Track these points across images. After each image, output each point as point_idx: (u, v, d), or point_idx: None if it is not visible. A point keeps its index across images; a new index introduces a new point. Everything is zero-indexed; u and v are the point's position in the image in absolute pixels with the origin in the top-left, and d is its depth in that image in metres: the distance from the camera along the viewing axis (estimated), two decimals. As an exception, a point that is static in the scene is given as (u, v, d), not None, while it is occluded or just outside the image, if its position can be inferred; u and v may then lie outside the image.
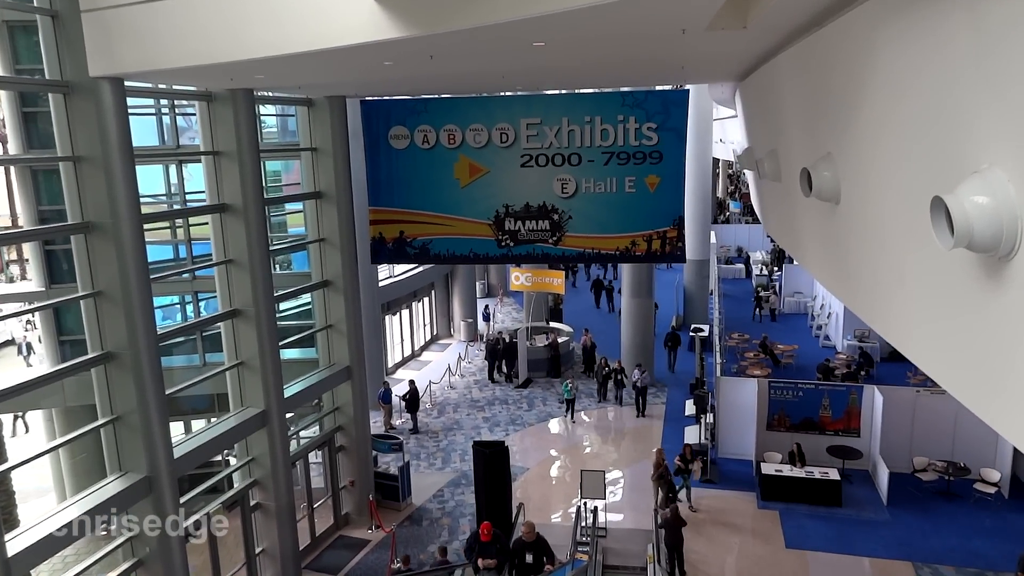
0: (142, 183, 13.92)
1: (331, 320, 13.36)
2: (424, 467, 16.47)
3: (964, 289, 3.51)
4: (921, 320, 4.33)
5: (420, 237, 13.86)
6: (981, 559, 12.22)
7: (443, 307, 26.82)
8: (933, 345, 4.21)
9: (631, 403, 19.45)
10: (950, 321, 3.80)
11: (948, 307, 3.80)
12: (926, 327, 4.28)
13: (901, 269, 4.66)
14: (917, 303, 4.36)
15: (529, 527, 10.04)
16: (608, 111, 12.85)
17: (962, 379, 3.67)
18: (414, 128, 13.38)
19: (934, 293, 4.06)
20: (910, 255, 4.43)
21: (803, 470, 14.40)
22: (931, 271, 4.08)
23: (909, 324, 4.58)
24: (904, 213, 4.50)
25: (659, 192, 13.00)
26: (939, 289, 3.95)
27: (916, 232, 4.23)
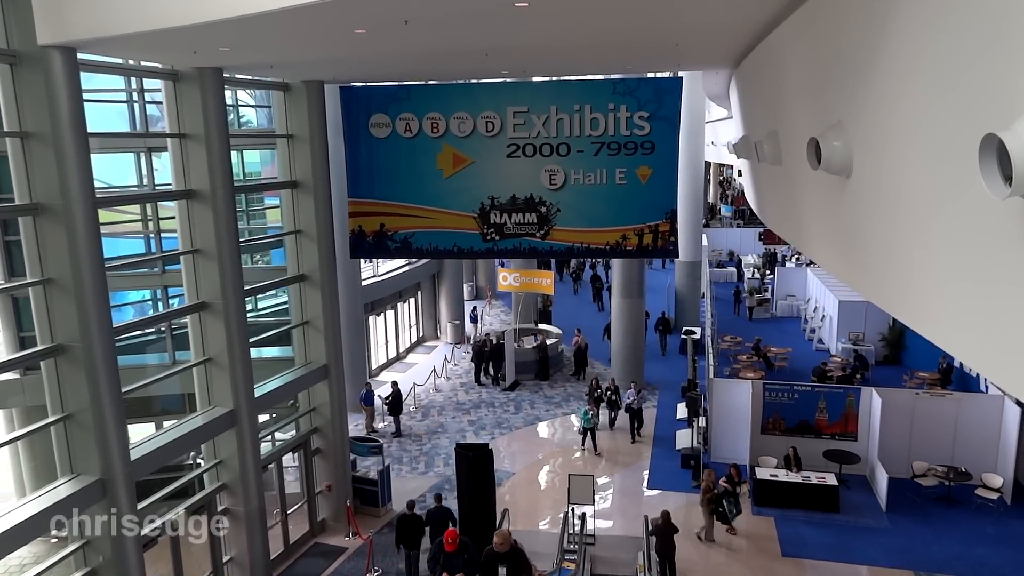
0: (112, 172, 13.40)
1: (307, 316, 12.74)
2: (406, 471, 15.84)
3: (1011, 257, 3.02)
4: (953, 301, 3.83)
5: (401, 230, 13.27)
6: (985, 568, 11.72)
7: (430, 308, 26.20)
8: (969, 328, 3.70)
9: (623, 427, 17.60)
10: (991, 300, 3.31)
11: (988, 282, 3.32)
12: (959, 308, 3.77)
13: (926, 243, 4.14)
14: (947, 281, 3.86)
15: (502, 537, 8.88)
16: (598, 99, 12.33)
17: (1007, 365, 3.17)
18: (396, 116, 12.81)
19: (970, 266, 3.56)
20: (938, 225, 3.92)
21: (799, 475, 13.87)
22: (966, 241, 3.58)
23: (937, 306, 4.08)
24: (929, 178, 4.01)
25: (651, 184, 12.48)
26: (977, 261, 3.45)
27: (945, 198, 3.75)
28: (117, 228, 13.60)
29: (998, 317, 3.31)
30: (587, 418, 16.65)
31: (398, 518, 11.97)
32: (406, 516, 11.67)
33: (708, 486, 12.69)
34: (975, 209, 3.42)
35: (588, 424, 16.63)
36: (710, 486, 12.67)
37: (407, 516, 11.66)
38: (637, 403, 17.23)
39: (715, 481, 12.82)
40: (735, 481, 13.08)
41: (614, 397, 17.82)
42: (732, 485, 12.95)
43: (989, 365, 3.53)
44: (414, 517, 11.68)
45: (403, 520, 11.67)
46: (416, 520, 11.66)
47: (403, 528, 11.56)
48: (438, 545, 9.01)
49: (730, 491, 12.83)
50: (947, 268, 3.84)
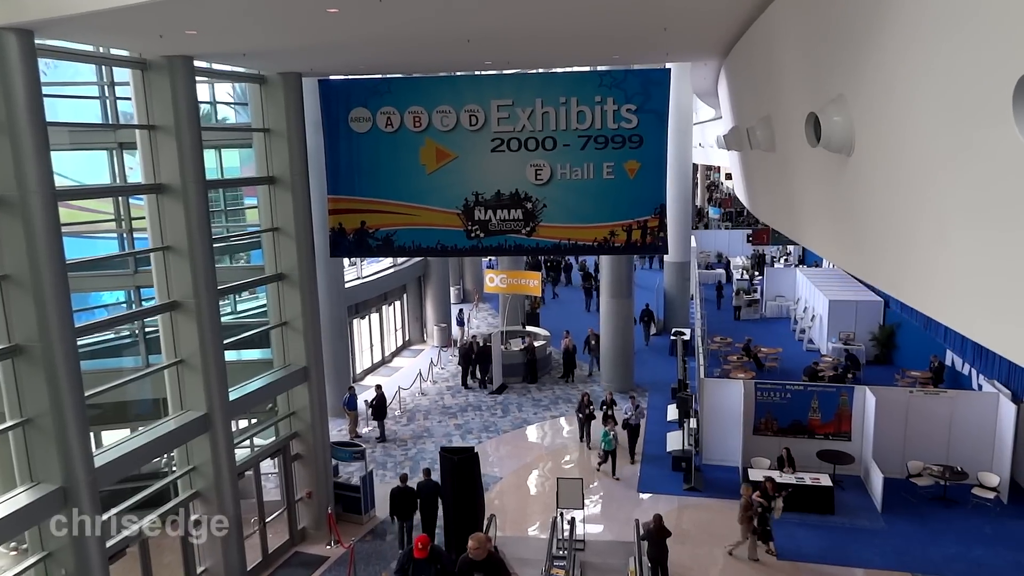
0: (85, 170, 12.94)
1: (286, 317, 12.30)
2: (390, 477, 15.36)
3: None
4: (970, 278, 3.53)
5: (383, 228, 12.89)
6: (984, 569, 11.44)
7: (416, 311, 25.78)
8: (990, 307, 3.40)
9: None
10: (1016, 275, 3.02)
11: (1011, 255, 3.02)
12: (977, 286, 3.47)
13: (940, 219, 3.84)
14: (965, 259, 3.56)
15: (478, 542, 7.86)
16: (584, 92, 12.01)
17: None
18: (376, 110, 12.44)
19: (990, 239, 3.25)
20: (953, 198, 3.62)
21: (793, 476, 13.56)
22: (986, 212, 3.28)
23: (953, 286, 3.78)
24: (941, 148, 3.71)
25: (639, 178, 12.17)
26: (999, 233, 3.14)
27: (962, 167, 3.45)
28: (91, 228, 13.19)
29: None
30: (607, 440, 14.94)
31: (391, 491, 12.63)
32: (399, 489, 12.46)
33: (747, 502, 11.83)
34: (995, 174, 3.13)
35: (609, 447, 14.93)
36: (749, 502, 11.82)
37: (400, 489, 12.45)
38: (636, 419, 15.84)
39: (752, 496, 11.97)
40: (770, 495, 12.17)
41: (610, 412, 16.20)
42: (768, 499, 12.05)
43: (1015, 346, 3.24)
44: (407, 489, 12.46)
45: (396, 493, 12.44)
46: (409, 492, 12.45)
47: (396, 500, 12.38)
48: (407, 553, 8.18)
49: (766, 506, 11.94)
50: (965, 244, 3.55)
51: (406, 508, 12.34)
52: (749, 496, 11.95)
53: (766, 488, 12.25)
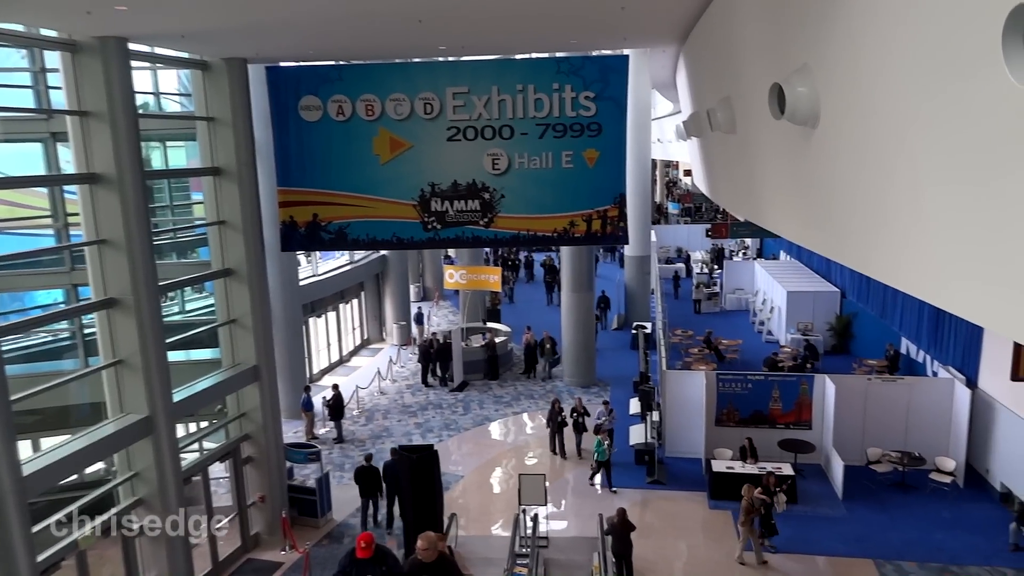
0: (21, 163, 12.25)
1: (234, 314, 11.78)
2: (348, 478, 14.91)
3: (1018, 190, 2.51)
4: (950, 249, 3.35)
5: (336, 220, 12.44)
6: (943, 553, 11.52)
7: (374, 309, 25.26)
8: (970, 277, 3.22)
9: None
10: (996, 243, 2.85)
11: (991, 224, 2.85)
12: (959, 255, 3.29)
13: (914, 186, 3.66)
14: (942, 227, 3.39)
15: (427, 543, 7.07)
16: (542, 79, 11.75)
17: None
18: (327, 98, 12.00)
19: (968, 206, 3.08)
20: (927, 167, 3.45)
21: (755, 466, 13.52)
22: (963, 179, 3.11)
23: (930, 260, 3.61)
24: (913, 116, 3.54)
25: (599, 168, 11.96)
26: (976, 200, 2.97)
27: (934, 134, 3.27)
28: (28, 224, 12.48)
29: (1010, 261, 2.85)
30: (601, 450, 13.93)
31: (356, 470, 13.26)
32: (363, 467, 13.01)
33: (749, 504, 11.28)
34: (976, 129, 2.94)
35: (603, 457, 13.94)
36: (751, 503, 11.29)
37: (364, 467, 12.99)
38: (609, 424, 15.09)
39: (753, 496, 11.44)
40: (771, 490, 11.79)
41: (580, 419, 15.47)
42: (769, 495, 11.64)
43: (1003, 320, 3.07)
44: (371, 468, 12.95)
45: (360, 471, 13.00)
46: (373, 471, 12.93)
47: (361, 478, 12.93)
48: (348, 555, 7.31)
49: (768, 501, 11.52)
50: (943, 211, 3.38)
51: (370, 486, 12.87)
52: (751, 497, 11.37)
53: (768, 483, 11.96)
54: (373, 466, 12.98)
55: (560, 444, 15.63)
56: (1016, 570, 11.02)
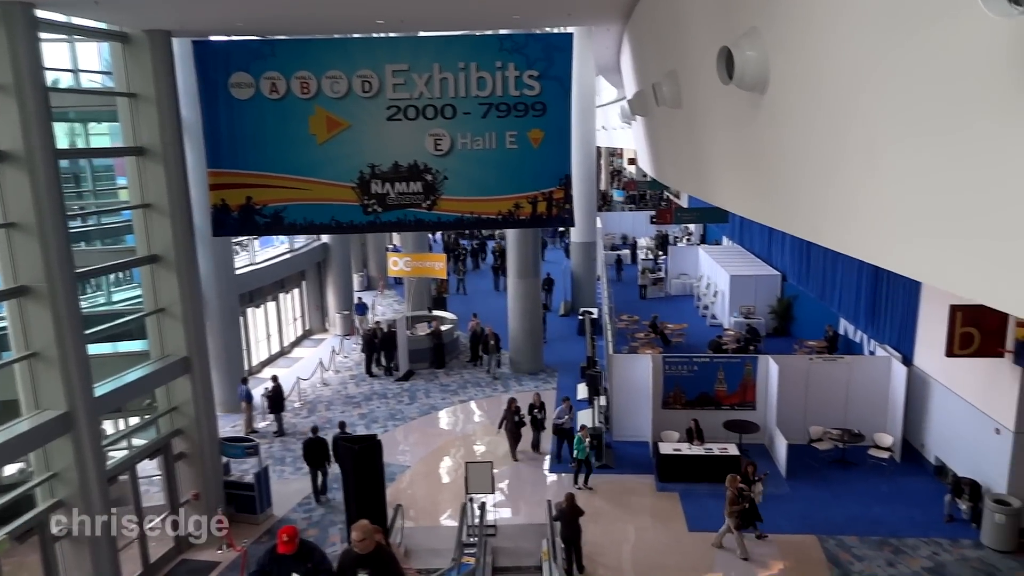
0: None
1: (162, 303, 11.15)
2: (289, 472, 14.45)
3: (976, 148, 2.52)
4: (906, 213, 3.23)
5: (271, 203, 11.91)
6: (882, 526, 11.77)
7: (316, 299, 24.57)
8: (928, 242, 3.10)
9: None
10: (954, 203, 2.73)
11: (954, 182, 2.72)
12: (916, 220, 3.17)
13: (869, 150, 3.53)
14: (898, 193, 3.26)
15: (363, 533, 6.53)
16: (485, 57, 11.44)
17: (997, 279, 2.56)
18: (259, 75, 11.43)
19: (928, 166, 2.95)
20: (883, 129, 3.32)
21: (702, 447, 13.60)
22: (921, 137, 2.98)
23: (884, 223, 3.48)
24: (871, 66, 3.40)
25: (543, 148, 11.74)
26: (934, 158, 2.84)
27: (893, 84, 3.12)
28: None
29: (966, 220, 2.74)
30: (581, 448, 13.15)
31: (304, 442, 13.56)
32: (311, 439, 13.30)
33: (735, 495, 11.04)
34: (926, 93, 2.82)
35: (583, 455, 13.18)
36: (737, 494, 11.05)
37: (312, 439, 13.28)
38: (569, 422, 14.43)
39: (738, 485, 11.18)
40: (750, 479, 11.49)
41: (539, 415, 14.88)
42: (748, 484, 11.34)
43: (960, 280, 2.97)
44: (319, 440, 13.25)
45: (309, 443, 13.28)
46: (321, 442, 13.20)
47: (309, 450, 13.22)
48: (269, 551, 6.56)
49: (746, 491, 11.24)
50: (897, 177, 3.26)
51: (318, 457, 13.15)
52: (737, 486, 11.13)
53: (747, 472, 11.73)
54: (321, 438, 13.26)
55: (513, 447, 14.65)
56: (951, 540, 11.34)
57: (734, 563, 11.06)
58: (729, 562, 11.11)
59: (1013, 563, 10.70)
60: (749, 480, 11.46)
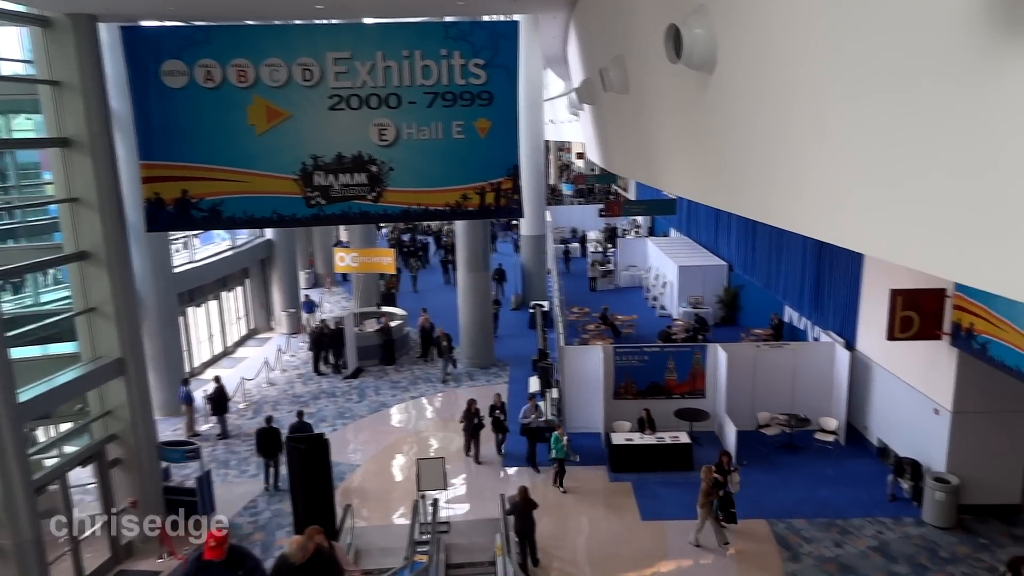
0: None
1: (93, 302, 10.61)
2: (234, 476, 13.99)
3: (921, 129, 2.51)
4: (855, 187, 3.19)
5: (209, 197, 11.42)
6: (828, 508, 12.03)
7: (260, 297, 23.90)
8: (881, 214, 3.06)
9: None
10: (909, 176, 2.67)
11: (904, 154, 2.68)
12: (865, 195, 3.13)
13: (817, 125, 3.48)
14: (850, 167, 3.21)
15: (297, 543, 6.18)
16: (429, 45, 11.17)
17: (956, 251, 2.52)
18: (193, 63, 10.92)
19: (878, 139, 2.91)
20: (834, 105, 3.27)
21: (654, 436, 13.68)
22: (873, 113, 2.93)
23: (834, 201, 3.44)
24: (815, 52, 3.36)
25: (491, 138, 11.54)
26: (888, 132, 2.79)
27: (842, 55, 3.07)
28: None
29: (914, 193, 2.70)
30: (560, 447, 12.66)
31: (257, 431, 13.59)
32: (264, 429, 13.37)
33: (708, 486, 10.94)
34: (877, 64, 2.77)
35: (561, 454, 12.70)
36: (711, 485, 10.95)
37: (265, 429, 13.36)
38: (536, 422, 13.93)
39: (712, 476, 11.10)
40: (725, 469, 11.37)
41: (501, 416, 14.20)
42: (723, 475, 11.24)
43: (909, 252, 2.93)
44: (271, 430, 13.36)
45: (261, 433, 13.35)
46: (273, 432, 13.29)
47: (261, 440, 13.31)
48: (195, 558, 6.13)
49: (720, 481, 11.12)
50: (846, 152, 3.22)
51: (270, 447, 13.17)
52: (711, 477, 11.07)
53: (722, 463, 11.59)
54: (274, 428, 13.44)
55: (476, 448, 14.24)
56: (894, 519, 11.64)
57: (687, 550, 11.13)
58: (682, 549, 11.18)
59: (952, 539, 11.05)
60: (724, 471, 11.39)
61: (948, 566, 10.41)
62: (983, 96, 2.18)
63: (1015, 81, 2.01)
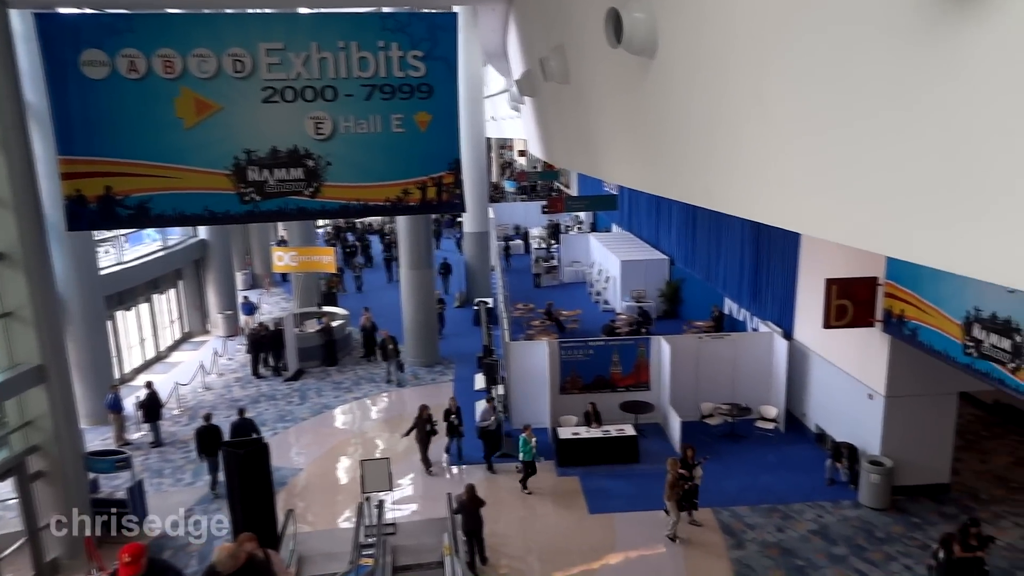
0: None
1: (9, 306, 9.98)
2: (169, 484, 13.43)
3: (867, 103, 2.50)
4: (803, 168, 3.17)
5: (135, 194, 10.86)
6: (771, 494, 12.28)
7: (195, 299, 23.08)
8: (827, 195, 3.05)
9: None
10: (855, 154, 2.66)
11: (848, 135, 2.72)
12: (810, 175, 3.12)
13: (760, 105, 3.46)
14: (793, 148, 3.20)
15: (227, 551, 5.84)
16: (366, 36, 10.89)
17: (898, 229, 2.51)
18: (115, 52, 10.35)
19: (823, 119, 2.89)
20: (772, 83, 3.25)
21: (600, 430, 13.73)
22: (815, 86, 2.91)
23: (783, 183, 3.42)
24: (755, 26, 3.33)
25: (431, 132, 11.34)
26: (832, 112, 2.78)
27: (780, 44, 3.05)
28: None
29: (858, 172, 2.68)
30: (528, 449, 12.44)
31: (196, 430, 13.40)
32: (203, 427, 13.16)
33: (674, 479, 10.96)
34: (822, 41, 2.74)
35: (529, 456, 12.47)
36: (677, 478, 10.96)
37: (204, 427, 13.16)
38: (495, 423, 13.52)
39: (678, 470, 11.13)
40: (689, 463, 11.36)
41: (456, 421, 13.77)
42: (688, 468, 11.25)
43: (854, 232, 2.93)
44: (211, 427, 13.16)
45: (201, 432, 13.15)
46: (214, 429, 13.12)
47: (201, 439, 13.11)
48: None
49: (685, 475, 11.16)
50: (791, 133, 3.19)
51: (211, 445, 12.86)
52: (676, 470, 11.07)
53: (686, 456, 11.54)
54: (214, 425, 13.21)
55: (424, 456, 13.61)
56: (832, 502, 11.97)
57: (635, 542, 11.20)
58: (629, 540, 11.23)
59: (887, 519, 11.42)
60: (689, 464, 11.38)
61: (884, 545, 10.75)
62: (925, 73, 2.17)
63: (956, 58, 2.00)
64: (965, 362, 9.03)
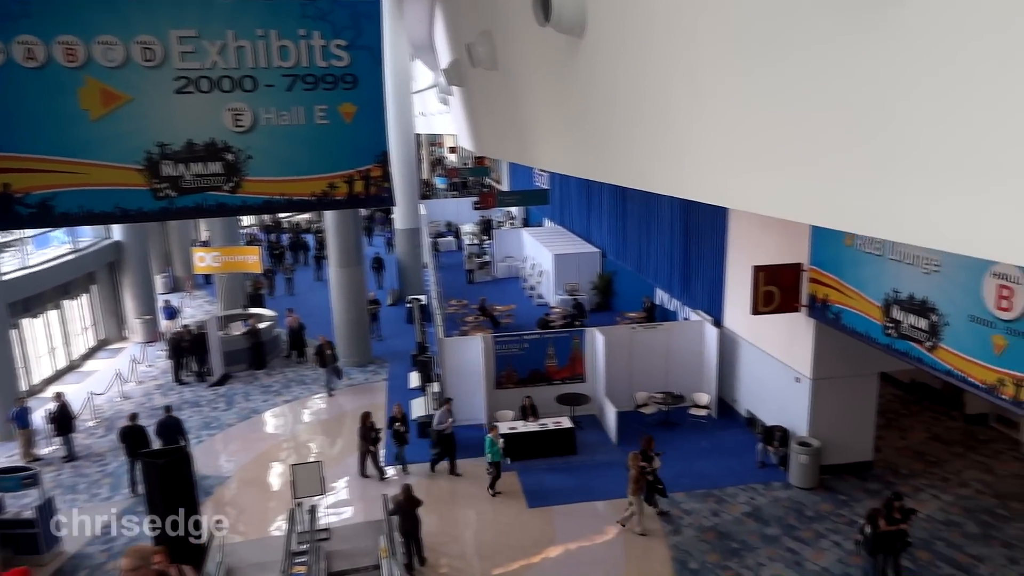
0: None
1: None
2: (84, 500, 12.65)
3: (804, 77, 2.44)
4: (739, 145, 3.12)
5: (37, 191, 10.10)
6: (706, 479, 12.49)
7: (110, 304, 21.88)
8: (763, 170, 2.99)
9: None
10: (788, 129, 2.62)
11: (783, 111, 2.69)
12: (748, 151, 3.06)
13: (693, 84, 3.40)
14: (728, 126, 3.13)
15: (132, 560, 5.49)
16: (286, 24, 10.45)
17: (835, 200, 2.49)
18: (10, 39, 9.57)
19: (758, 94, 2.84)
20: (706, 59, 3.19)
21: (537, 423, 13.68)
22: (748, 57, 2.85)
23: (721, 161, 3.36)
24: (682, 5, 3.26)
25: (357, 123, 10.97)
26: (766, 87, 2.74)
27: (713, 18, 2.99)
28: None
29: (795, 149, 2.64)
30: (495, 450, 12.17)
31: (120, 430, 13.21)
32: (128, 427, 12.96)
33: (638, 474, 10.89)
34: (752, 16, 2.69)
35: (497, 457, 12.19)
36: (640, 472, 10.90)
37: (129, 427, 12.95)
38: (450, 427, 13.11)
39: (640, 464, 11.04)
40: (649, 455, 11.25)
41: (402, 428, 13.17)
42: (648, 460, 11.16)
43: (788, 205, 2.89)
44: (136, 427, 12.98)
45: (125, 431, 12.95)
46: (139, 429, 12.94)
47: (126, 439, 12.87)
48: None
49: (648, 468, 11.10)
50: (726, 110, 3.13)
51: (137, 445, 12.54)
52: (639, 465, 11.00)
53: (646, 448, 11.40)
54: (138, 425, 13.03)
55: (375, 464, 13.11)
56: (764, 484, 12.26)
57: (575, 535, 11.18)
58: (569, 533, 11.22)
59: (816, 498, 11.77)
60: (648, 456, 11.30)
61: (814, 524, 11.07)
62: (853, 47, 2.13)
63: (883, 30, 1.96)
64: (885, 342, 9.36)
